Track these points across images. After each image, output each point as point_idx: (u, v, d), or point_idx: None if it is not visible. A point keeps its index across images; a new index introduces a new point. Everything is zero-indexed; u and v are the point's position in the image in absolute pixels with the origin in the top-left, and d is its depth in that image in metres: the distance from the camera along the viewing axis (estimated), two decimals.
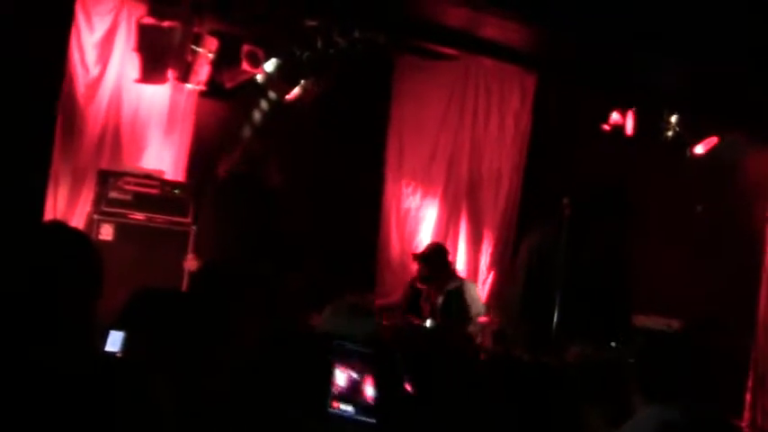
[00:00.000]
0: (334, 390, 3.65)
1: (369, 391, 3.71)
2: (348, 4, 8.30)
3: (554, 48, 8.90)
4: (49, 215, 7.99)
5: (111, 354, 4.71)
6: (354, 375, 3.70)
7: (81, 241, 2.58)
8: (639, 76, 8.78)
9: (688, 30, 7.38)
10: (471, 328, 8.23)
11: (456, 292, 8.36)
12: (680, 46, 7.68)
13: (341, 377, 3.67)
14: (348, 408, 3.65)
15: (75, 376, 2.37)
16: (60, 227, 2.66)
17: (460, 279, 8.68)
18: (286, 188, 8.96)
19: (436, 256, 8.61)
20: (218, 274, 3.53)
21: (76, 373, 2.38)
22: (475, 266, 9.93)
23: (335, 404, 3.65)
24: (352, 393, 3.68)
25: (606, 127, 9.48)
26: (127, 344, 2.91)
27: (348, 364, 3.69)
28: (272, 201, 8.78)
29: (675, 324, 7.87)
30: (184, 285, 7.68)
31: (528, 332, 8.39)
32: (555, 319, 7.76)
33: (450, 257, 8.86)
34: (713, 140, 9.43)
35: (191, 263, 7.83)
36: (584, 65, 8.91)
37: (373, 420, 3.64)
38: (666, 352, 3.76)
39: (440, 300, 8.37)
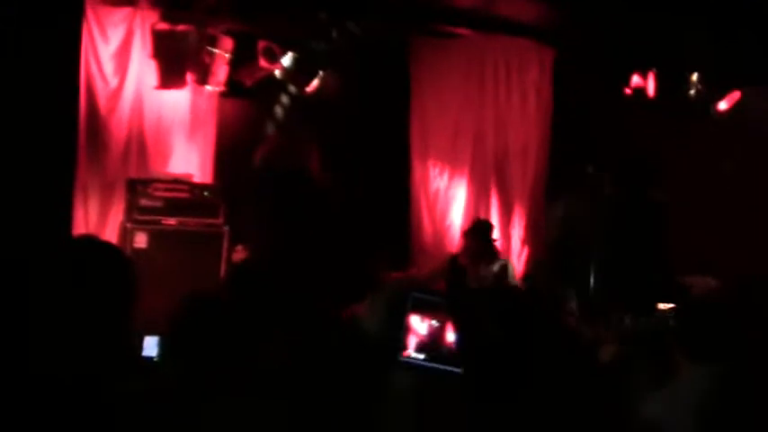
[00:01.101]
0: (414, 339, 3.66)
1: (450, 337, 3.72)
2: None
3: (569, 20, 8.86)
4: (81, 228, 8.03)
5: (149, 359, 4.76)
6: (435, 323, 3.71)
7: (112, 254, 2.61)
8: (658, 37, 8.73)
9: None
10: None
11: (502, 273, 8.37)
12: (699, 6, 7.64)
13: (421, 326, 3.69)
14: (419, 356, 3.67)
15: (114, 384, 2.40)
16: (91, 241, 2.69)
17: (503, 258, 8.70)
18: (323, 175, 8.95)
19: (482, 232, 8.60)
20: (258, 273, 3.54)
21: (116, 380, 2.42)
22: (508, 241, 9.93)
23: (406, 353, 3.66)
24: (433, 342, 3.70)
25: (628, 91, 9.44)
26: (173, 349, 2.93)
27: (428, 313, 3.70)
28: (310, 188, 8.79)
29: (715, 283, 7.81)
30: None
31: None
32: (592, 288, 7.74)
33: (493, 234, 8.85)
34: (736, 95, 9.36)
35: (239, 254, 7.88)
36: (600, 33, 8.86)
37: (455, 369, 3.64)
38: (707, 311, 3.75)
39: (489, 278, 8.36)
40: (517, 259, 9.82)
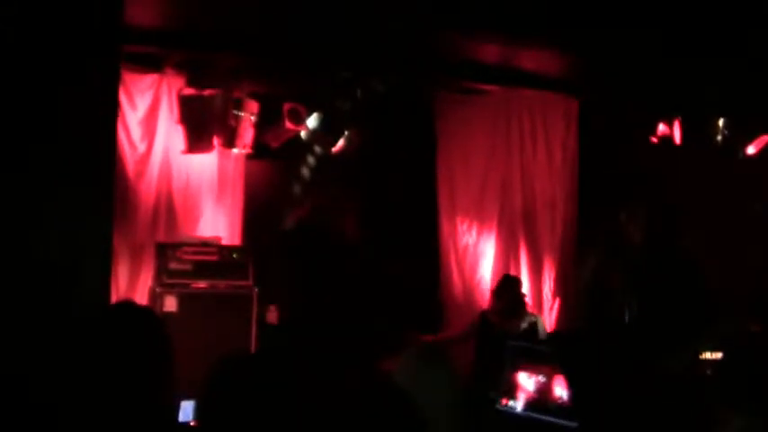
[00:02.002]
0: (523, 395, 3.62)
1: (558, 391, 3.68)
2: (383, 51, 8.33)
3: (593, 71, 8.88)
4: (111, 293, 8.05)
5: (186, 424, 4.73)
6: (542, 378, 3.68)
7: (150, 319, 2.61)
8: (682, 84, 8.72)
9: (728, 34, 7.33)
10: None
11: (532, 329, 8.33)
12: (719, 50, 7.63)
13: (529, 383, 3.66)
14: (516, 404, 3.64)
15: None
16: (129, 306, 2.69)
17: (532, 315, 8.66)
18: (358, 237, 8.95)
19: (510, 288, 8.58)
20: (292, 333, 3.52)
21: None
22: (539, 295, 9.87)
23: (504, 401, 3.62)
24: (542, 397, 3.66)
25: (654, 139, 9.42)
26: (209, 413, 2.90)
27: (535, 368, 3.67)
28: (344, 250, 8.79)
29: (755, 327, 7.70)
30: (253, 346, 7.73)
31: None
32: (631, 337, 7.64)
33: (522, 289, 8.81)
34: (765, 139, 9.32)
35: (273, 315, 7.87)
36: (624, 82, 8.87)
37: (569, 423, 3.58)
38: (751, 358, 3.64)
39: (520, 334, 8.31)
40: (548, 312, 9.75)
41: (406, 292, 9.15)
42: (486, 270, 9.84)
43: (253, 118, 8.53)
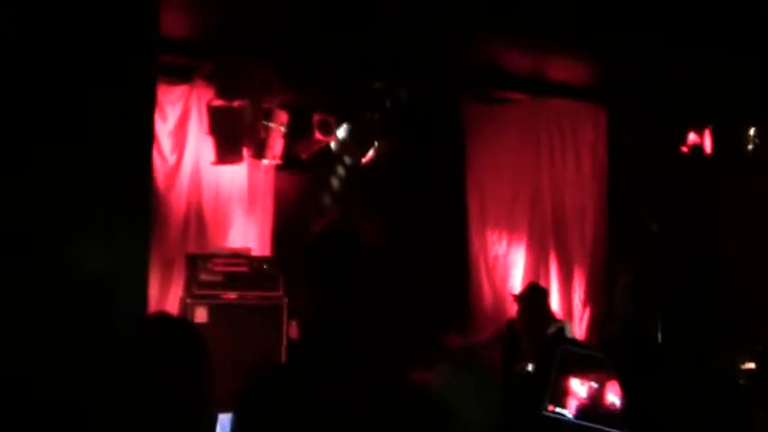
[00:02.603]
0: (574, 402, 3.59)
1: (610, 398, 3.65)
2: (412, 62, 8.33)
3: (622, 80, 8.84)
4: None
5: None
6: (594, 384, 3.64)
7: (187, 330, 2.61)
8: (713, 93, 8.67)
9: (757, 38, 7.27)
10: None
11: (559, 333, 8.29)
12: (752, 58, 7.58)
13: (581, 389, 3.62)
14: (564, 411, 3.60)
15: None
16: (165, 318, 2.69)
17: (559, 320, 8.61)
18: (384, 246, 8.94)
19: (534, 296, 8.55)
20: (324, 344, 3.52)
21: None
22: (569, 305, 9.83)
23: (551, 407, 3.59)
24: (594, 404, 3.63)
25: (684, 149, 9.36)
26: (245, 426, 2.90)
27: (587, 374, 3.64)
28: (371, 257, 8.78)
29: None
30: (284, 357, 7.74)
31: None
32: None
33: (548, 298, 8.78)
34: None
35: (294, 330, 7.86)
36: (654, 91, 8.83)
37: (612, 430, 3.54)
38: None
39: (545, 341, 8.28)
40: (579, 322, 9.71)
41: (434, 300, 9.14)
42: (516, 280, 9.81)
43: (282, 129, 8.53)
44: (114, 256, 2.48)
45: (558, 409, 3.61)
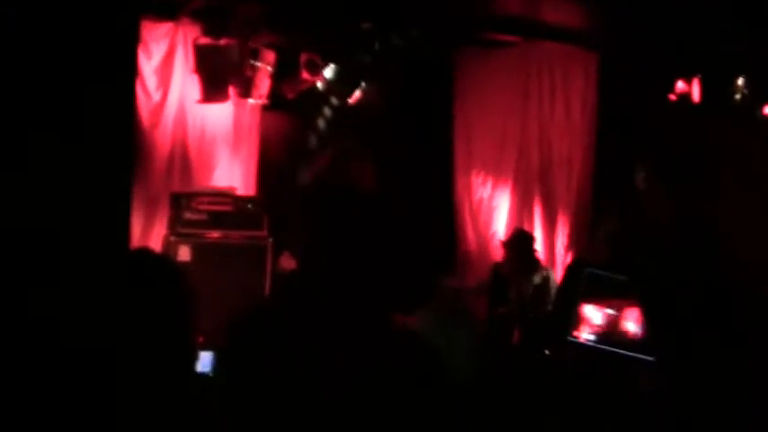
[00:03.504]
0: (587, 329, 3.57)
1: (627, 326, 3.63)
2: (402, 3, 8.26)
3: (613, 24, 8.79)
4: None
5: (203, 374, 4.74)
6: (611, 312, 3.62)
7: (168, 267, 2.60)
8: (702, 42, 8.63)
9: None
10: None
11: (544, 283, 8.33)
12: (740, 7, 7.54)
13: (596, 316, 3.60)
14: (590, 336, 3.57)
15: (179, 399, 2.39)
16: (146, 254, 2.68)
17: (545, 268, 8.64)
18: (375, 188, 8.91)
19: (521, 243, 8.56)
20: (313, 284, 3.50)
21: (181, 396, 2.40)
22: (551, 250, 9.86)
23: (576, 333, 3.57)
24: (610, 332, 3.60)
25: (672, 97, 9.34)
26: (227, 365, 2.90)
27: (603, 300, 3.60)
28: (366, 204, 8.75)
29: None
30: (268, 295, 7.75)
31: None
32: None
33: (534, 244, 8.80)
34: None
35: (286, 261, 7.84)
36: (644, 38, 8.78)
37: (644, 356, 3.50)
38: None
39: (530, 289, 8.32)
40: (560, 268, 9.74)
41: (420, 243, 9.14)
42: (500, 224, 9.84)
43: (269, 68, 8.49)
44: (97, 193, 2.46)
45: (583, 335, 3.58)
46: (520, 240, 8.61)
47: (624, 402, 3.50)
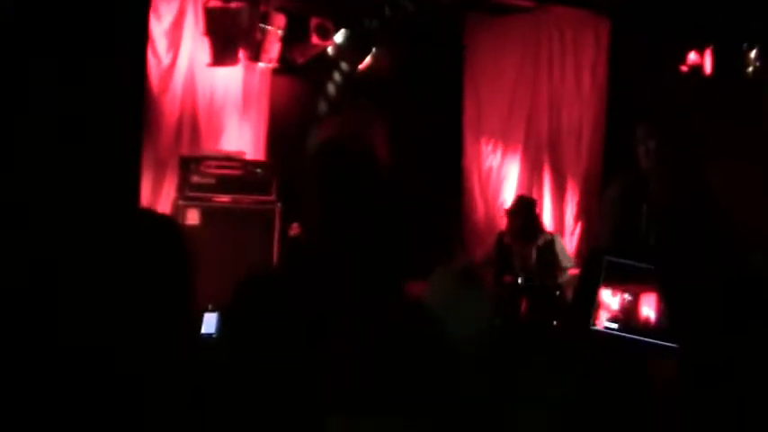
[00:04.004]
0: (605, 314, 3.57)
1: (645, 311, 3.62)
2: None
3: None
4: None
5: (208, 335, 4.77)
6: (627, 297, 3.61)
7: (171, 227, 2.59)
8: (715, 13, 8.57)
9: None
10: (560, 280, 8.20)
11: (546, 248, 8.31)
12: None
13: (613, 301, 3.59)
14: (613, 325, 3.57)
15: (177, 359, 2.39)
16: (149, 214, 2.67)
17: (549, 233, 8.62)
18: (386, 155, 8.87)
19: (526, 210, 8.54)
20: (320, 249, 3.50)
21: (178, 356, 2.41)
22: (560, 219, 9.85)
23: (598, 322, 3.57)
24: (626, 317, 3.60)
25: (684, 68, 9.29)
26: (230, 327, 2.90)
27: (620, 285, 3.60)
28: (377, 169, 8.73)
29: None
30: (276, 261, 7.76)
31: None
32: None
33: (538, 211, 8.79)
34: None
35: (295, 230, 7.84)
36: (658, 6, 8.73)
37: (670, 343, 3.47)
38: None
39: (533, 255, 8.31)
40: (570, 236, 9.74)
41: (433, 213, 9.14)
42: (508, 193, 9.81)
43: (279, 32, 8.45)
44: (107, 156, 2.46)
45: (606, 323, 3.58)
46: (523, 207, 8.58)
47: (645, 390, 3.50)
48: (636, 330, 3.63)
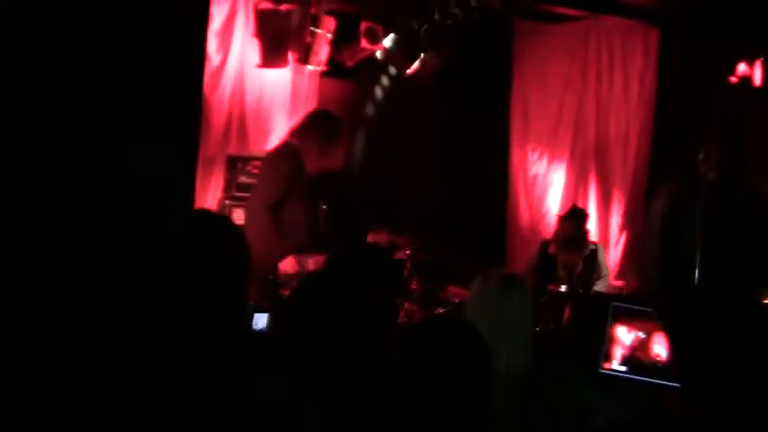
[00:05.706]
0: (619, 350, 3.63)
1: (656, 349, 3.68)
2: None
3: (679, 1, 8.70)
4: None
5: (262, 331, 4.82)
6: (641, 335, 3.67)
7: (228, 227, 2.64)
8: (766, 22, 8.50)
9: None
10: (600, 289, 8.17)
11: (591, 257, 8.29)
12: None
13: (627, 337, 3.65)
14: (622, 368, 3.64)
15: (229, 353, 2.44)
16: (207, 215, 2.72)
17: (594, 243, 8.59)
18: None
19: (578, 217, 8.51)
20: (359, 256, 3.54)
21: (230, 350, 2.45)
22: (605, 229, 9.80)
23: (607, 365, 3.64)
24: (638, 354, 3.66)
25: (733, 79, 9.22)
26: (282, 323, 2.94)
27: (634, 323, 3.67)
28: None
29: None
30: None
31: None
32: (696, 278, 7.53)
33: (587, 222, 8.76)
34: None
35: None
36: (708, 16, 8.67)
37: (664, 382, 3.55)
38: None
39: (579, 265, 8.27)
40: (614, 246, 9.69)
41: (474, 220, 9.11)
42: (553, 201, 9.80)
43: (329, 35, 8.51)
44: (164, 156, 2.51)
45: (613, 366, 3.64)
46: (576, 216, 8.55)
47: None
48: (648, 371, 3.70)
